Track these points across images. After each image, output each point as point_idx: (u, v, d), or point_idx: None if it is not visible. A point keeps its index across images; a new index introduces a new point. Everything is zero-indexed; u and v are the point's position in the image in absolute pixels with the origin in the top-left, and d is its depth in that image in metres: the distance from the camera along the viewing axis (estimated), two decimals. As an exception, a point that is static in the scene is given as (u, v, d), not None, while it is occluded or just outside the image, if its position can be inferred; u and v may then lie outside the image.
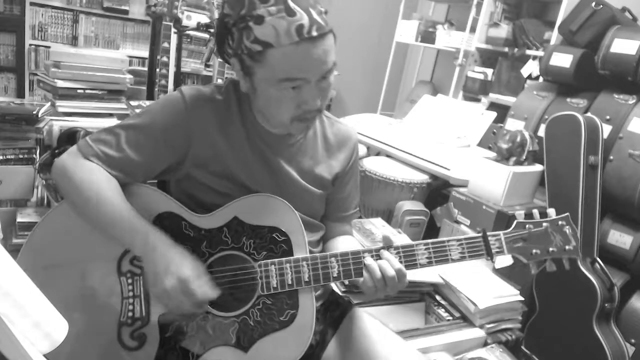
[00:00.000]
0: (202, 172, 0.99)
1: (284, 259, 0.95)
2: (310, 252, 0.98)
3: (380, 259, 0.95)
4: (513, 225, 0.99)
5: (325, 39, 0.88)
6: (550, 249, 0.98)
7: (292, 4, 0.85)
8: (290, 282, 0.94)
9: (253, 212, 0.97)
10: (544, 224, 0.99)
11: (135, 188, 0.97)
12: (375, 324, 1.08)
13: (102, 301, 0.93)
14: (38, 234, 0.95)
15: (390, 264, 0.93)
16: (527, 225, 0.99)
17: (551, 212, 1.01)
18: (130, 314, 0.93)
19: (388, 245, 0.96)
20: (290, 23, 0.84)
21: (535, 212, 1.02)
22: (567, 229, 0.99)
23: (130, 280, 0.94)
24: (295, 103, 0.91)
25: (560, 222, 1.00)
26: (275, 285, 0.94)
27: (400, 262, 0.94)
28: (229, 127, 0.99)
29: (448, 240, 0.97)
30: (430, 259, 0.96)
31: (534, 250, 0.98)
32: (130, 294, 0.93)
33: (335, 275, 0.95)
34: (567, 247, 0.99)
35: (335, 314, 1.11)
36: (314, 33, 0.85)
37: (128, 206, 0.92)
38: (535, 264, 0.99)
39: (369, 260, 0.95)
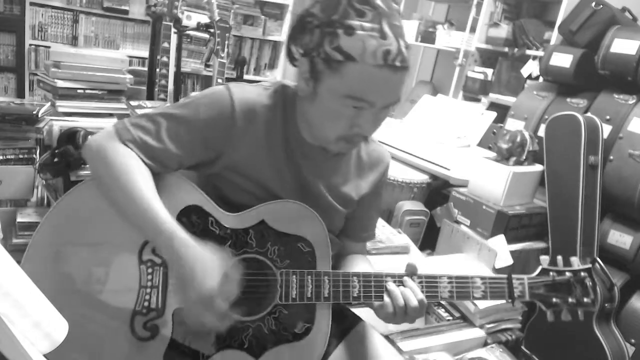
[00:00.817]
0: (233, 173, 0.98)
1: (306, 270, 0.94)
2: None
3: (402, 285, 0.94)
4: (537, 271, 1.01)
5: (404, 72, 0.87)
6: (570, 300, 0.99)
7: (386, 28, 0.83)
8: (309, 296, 0.93)
9: (281, 218, 0.96)
10: (567, 274, 1.00)
11: (166, 177, 0.95)
12: (382, 344, 1.07)
13: (118, 287, 0.91)
14: (63, 208, 0.92)
15: (413, 293, 0.92)
16: (551, 273, 1.00)
17: (574, 260, 1.02)
18: (145, 303, 0.91)
19: (412, 272, 0.96)
20: (380, 45, 0.82)
21: (560, 259, 1.02)
22: (588, 281, 0.99)
23: (150, 270, 0.91)
24: (350, 123, 0.89)
25: (582, 274, 1.00)
26: (294, 296, 0.93)
27: (422, 291, 0.94)
28: (270, 135, 0.97)
29: (472, 277, 0.97)
30: (452, 294, 0.96)
31: (554, 299, 0.99)
32: (149, 283, 0.91)
33: (355, 295, 0.94)
34: (585, 300, 0.99)
35: (342, 326, 1.09)
36: (397, 63, 0.84)
37: (158, 202, 0.89)
38: (553, 313, 1.00)
39: (391, 285, 0.94)
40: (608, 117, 1.98)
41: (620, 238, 1.87)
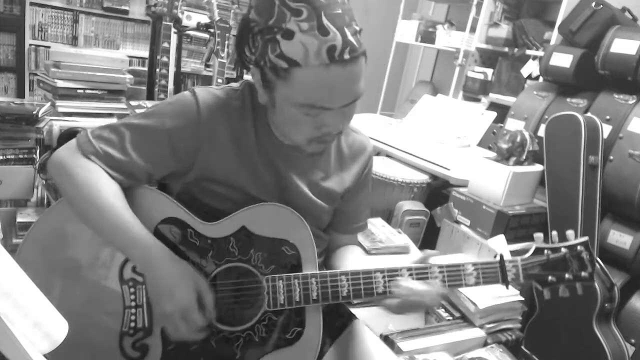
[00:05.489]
0: (210, 181, 0.94)
1: (292, 274, 0.91)
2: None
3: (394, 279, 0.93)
4: (531, 251, 0.97)
5: (357, 62, 0.81)
6: (566, 276, 0.96)
7: (326, 22, 0.77)
8: (297, 299, 0.90)
9: (262, 222, 0.92)
10: (563, 250, 0.96)
11: (139, 190, 0.92)
12: (376, 342, 1.06)
13: (103, 310, 0.89)
14: (37, 234, 0.90)
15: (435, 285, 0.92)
16: (545, 252, 0.97)
17: (570, 234, 0.98)
18: (132, 324, 0.89)
19: (404, 267, 0.93)
20: (322, 43, 0.76)
21: (554, 234, 0.99)
22: (585, 255, 0.96)
23: (132, 290, 0.89)
24: (314, 125, 0.86)
25: (578, 248, 0.96)
26: (282, 302, 0.90)
27: None
28: (241, 136, 0.94)
29: (463, 265, 0.94)
30: (444, 283, 0.93)
31: (549, 278, 0.96)
32: (133, 303, 0.89)
33: (344, 294, 0.91)
34: (582, 274, 0.96)
35: (335, 324, 1.08)
36: (346, 56, 0.78)
37: (130, 214, 0.87)
38: (550, 291, 0.97)
39: (409, 281, 0.92)
40: (608, 117, 1.98)
41: (620, 238, 1.87)
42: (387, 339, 1.38)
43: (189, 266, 0.88)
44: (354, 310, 1.18)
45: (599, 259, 1.83)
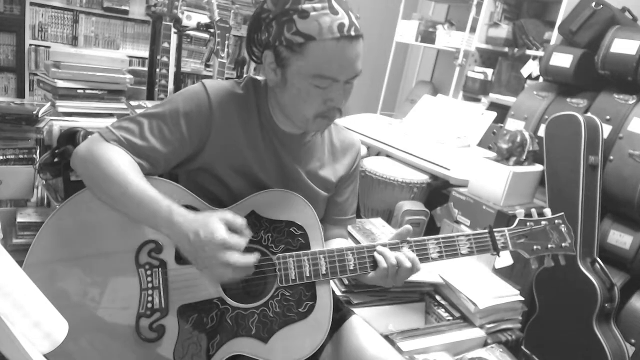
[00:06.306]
0: (217, 163, 1.01)
1: (301, 252, 0.98)
2: None
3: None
4: (515, 223, 1.07)
5: (359, 41, 0.93)
6: (549, 245, 1.07)
7: (335, 4, 0.90)
8: (308, 275, 0.97)
9: (270, 206, 1.00)
10: (543, 222, 1.08)
11: (151, 181, 0.95)
12: (374, 337, 1.08)
13: (120, 293, 0.92)
14: (52, 227, 0.93)
15: (407, 256, 0.99)
16: (528, 223, 1.07)
17: (547, 211, 1.10)
18: (149, 305, 0.93)
19: (402, 240, 1.02)
20: (333, 20, 0.89)
21: (534, 211, 1.10)
22: (563, 227, 1.08)
23: (149, 272, 0.93)
24: (322, 99, 0.95)
25: (556, 221, 1.09)
26: (293, 278, 0.97)
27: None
28: (247, 122, 1.02)
29: (457, 236, 1.04)
30: (441, 253, 1.03)
31: (534, 246, 1.06)
32: (149, 285, 0.93)
33: (351, 268, 0.99)
34: (563, 244, 1.07)
35: (334, 317, 1.09)
36: (352, 32, 0.91)
37: (150, 186, 0.91)
38: (536, 260, 1.07)
39: (381, 247, 1.00)
40: (608, 117, 1.98)
41: (620, 238, 1.87)
42: (387, 339, 1.38)
43: (208, 212, 0.91)
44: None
45: (599, 259, 1.83)
